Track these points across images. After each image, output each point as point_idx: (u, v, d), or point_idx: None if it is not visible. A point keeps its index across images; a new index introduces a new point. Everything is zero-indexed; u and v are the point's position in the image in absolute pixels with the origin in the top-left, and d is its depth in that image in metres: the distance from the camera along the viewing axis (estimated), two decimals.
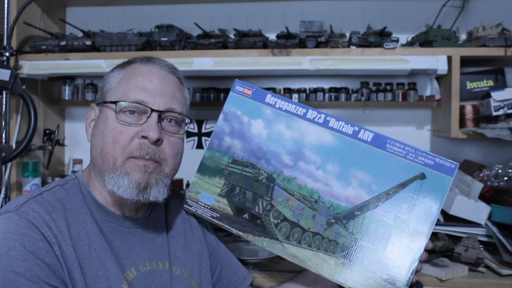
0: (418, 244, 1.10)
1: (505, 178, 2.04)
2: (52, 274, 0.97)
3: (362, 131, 1.17)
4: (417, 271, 1.11)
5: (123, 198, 1.08)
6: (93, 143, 1.15)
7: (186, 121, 1.21)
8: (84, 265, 1.03)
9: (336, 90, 2.36)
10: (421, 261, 1.12)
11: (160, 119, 1.12)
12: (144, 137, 1.09)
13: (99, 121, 1.15)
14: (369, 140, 1.16)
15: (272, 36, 2.12)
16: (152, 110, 1.11)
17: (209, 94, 2.43)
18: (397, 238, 1.11)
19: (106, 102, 1.14)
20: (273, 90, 2.36)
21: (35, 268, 0.95)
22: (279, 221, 1.18)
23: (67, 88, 2.52)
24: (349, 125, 1.17)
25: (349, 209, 1.15)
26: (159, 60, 1.20)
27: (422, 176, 1.12)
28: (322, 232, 1.16)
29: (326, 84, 2.42)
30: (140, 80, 1.14)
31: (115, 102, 1.12)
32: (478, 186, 1.93)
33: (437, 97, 2.19)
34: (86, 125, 1.21)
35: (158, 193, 1.12)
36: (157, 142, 1.11)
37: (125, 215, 1.16)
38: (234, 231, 1.22)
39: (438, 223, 1.86)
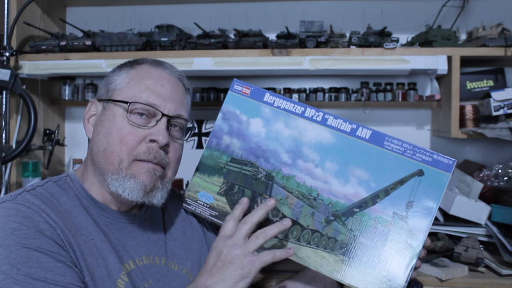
0: (417, 241, 1.11)
1: (505, 178, 2.04)
2: (62, 250, 0.98)
3: (360, 128, 1.17)
4: (416, 268, 1.12)
5: (128, 199, 1.09)
6: (96, 141, 1.14)
7: (188, 126, 1.23)
8: (84, 251, 1.03)
9: (336, 90, 2.36)
10: (420, 259, 1.12)
11: (169, 124, 1.14)
12: (152, 141, 1.10)
13: (104, 118, 1.15)
14: (367, 137, 1.16)
15: (272, 36, 2.12)
16: (163, 114, 1.12)
17: (209, 94, 2.43)
18: (396, 235, 1.11)
19: (115, 101, 1.14)
20: (273, 90, 2.36)
21: (46, 245, 0.96)
22: (278, 219, 1.18)
23: (67, 88, 2.52)
24: (347, 123, 1.18)
25: (348, 206, 1.15)
26: (169, 65, 1.22)
27: (420, 173, 1.13)
28: (321, 230, 1.16)
29: (326, 84, 2.42)
30: (152, 83, 1.15)
31: (127, 102, 1.12)
32: (478, 186, 1.93)
33: (437, 97, 2.19)
34: (84, 120, 1.20)
35: (161, 198, 1.14)
36: (165, 147, 1.12)
37: (121, 211, 1.17)
38: None
39: (438, 223, 1.86)
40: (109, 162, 1.10)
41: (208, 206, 1.24)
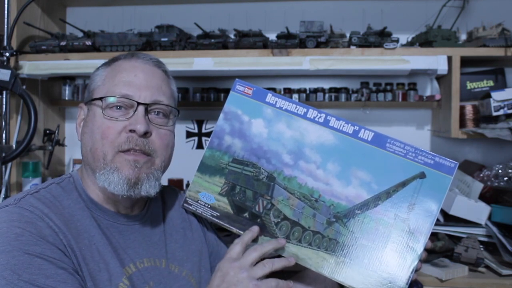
0: (418, 243, 1.10)
1: (505, 178, 2.04)
2: (64, 257, 0.98)
3: (362, 130, 1.17)
4: (416, 270, 1.11)
5: (115, 194, 1.09)
6: (84, 142, 1.16)
7: (175, 113, 1.21)
8: (86, 256, 1.03)
9: (336, 90, 2.36)
10: (421, 260, 1.12)
11: (147, 112, 1.13)
12: (132, 130, 1.10)
13: (88, 119, 1.16)
14: (369, 139, 1.16)
15: (272, 36, 2.12)
16: (138, 103, 1.12)
17: (209, 94, 2.43)
18: (397, 237, 1.11)
19: (93, 100, 1.15)
20: (273, 90, 2.36)
21: (48, 251, 0.96)
22: (279, 220, 1.18)
23: (67, 88, 2.52)
24: (350, 125, 1.18)
25: (349, 208, 1.15)
26: (143, 55, 1.21)
27: (422, 175, 1.12)
28: (322, 231, 1.16)
29: (326, 84, 2.42)
30: (125, 75, 1.14)
31: (100, 99, 1.12)
32: (478, 186, 1.93)
33: (437, 97, 2.20)
34: (76, 125, 1.22)
35: (150, 188, 1.12)
36: (146, 134, 1.11)
37: (120, 212, 1.17)
38: (234, 230, 1.22)
39: (438, 223, 1.86)
40: (96, 159, 1.11)
41: (209, 206, 1.24)
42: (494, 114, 1.89)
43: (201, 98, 2.43)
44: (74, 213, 1.08)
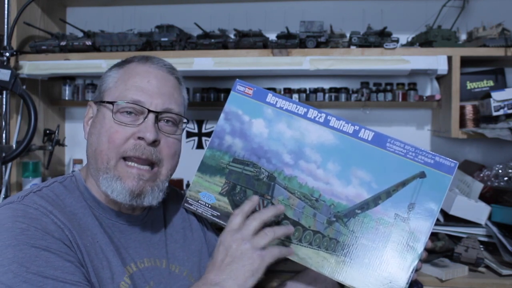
0: (418, 243, 1.11)
1: (505, 178, 2.04)
2: (70, 251, 0.99)
3: (363, 130, 1.17)
4: (417, 270, 1.12)
5: (116, 201, 1.10)
6: (90, 142, 1.16)
7: (184, 121, 1.22)
8: (90, 253, 1.04)
9: (336, 90, 2.36)
10: (421, 260, 1.12)
11: (157, 119, 1.13)
12: (140, 138, 1.10)
13: (97, 120, 1.16)
14: (369, 139, 1.16)
15: (272, 36, 2.12)
16: (149, 111, 1.12)
17: (209, 94, 2.43)
18: (397, 237, 1.11)
19: (104, 102, 1.15)
20: (273, 90, 2.36)
21: (54, 245, 0.96)
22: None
23: (67, 88, 2.52)
24: (350, 124, 1.18)
25: (350, 207, 1.15)
26: (157, 60, 1.21)
27: (422, 175, 1.12)
28: (322, 231, 1.16)
29: (326, 84, 2.42)
30: (138, 80, 1.14)
31: (112, 102, 1.12)
32: (478, 186, 1.93)
33: (437, 97, 2.19)
34: (83, 122, 1.22)
35: (153, 199, 1.13)
36: (154, 143, 1.11)
37: (122, 212, 1.17)
38: None
39: (438, 223, 1.86)
40: (99, 161, 1.11)
41: (209, 206, 1.24)
42: (494, 114, 1.89)
43: (201, 98, 2.43)
44: (76, 211, 1.09)
